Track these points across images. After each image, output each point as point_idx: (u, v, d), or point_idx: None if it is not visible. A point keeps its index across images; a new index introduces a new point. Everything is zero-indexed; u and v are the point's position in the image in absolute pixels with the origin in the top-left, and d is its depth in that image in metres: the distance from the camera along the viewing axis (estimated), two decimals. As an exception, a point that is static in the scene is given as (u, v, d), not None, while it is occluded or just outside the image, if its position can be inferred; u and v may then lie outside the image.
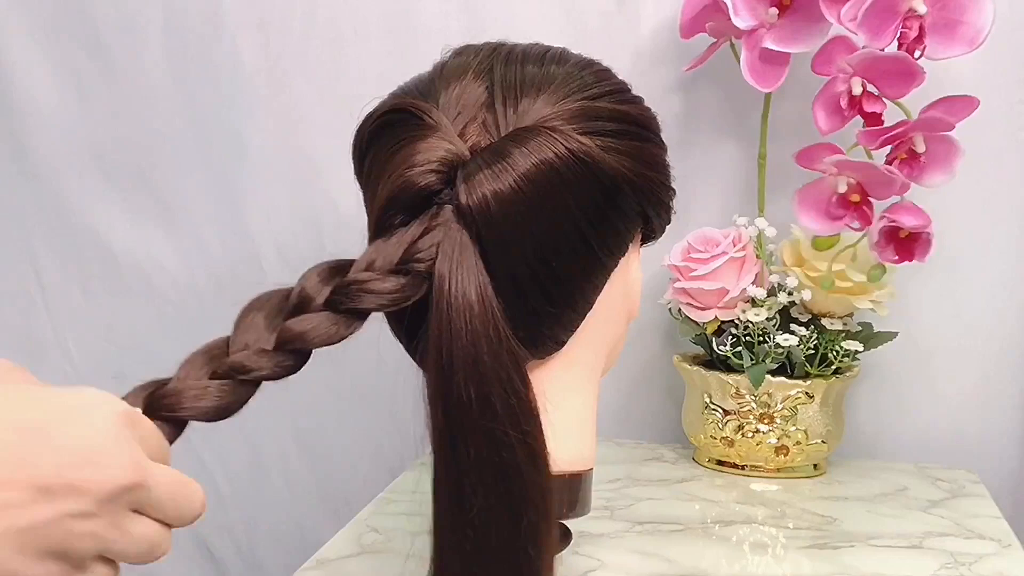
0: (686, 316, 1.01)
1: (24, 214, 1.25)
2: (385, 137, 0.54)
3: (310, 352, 0.48)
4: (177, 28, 1.17)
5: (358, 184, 0.58)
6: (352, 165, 0.59)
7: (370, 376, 1.16)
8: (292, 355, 0.47)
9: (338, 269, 0.50)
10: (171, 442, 0.44)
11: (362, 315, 0.49)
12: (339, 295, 0.48)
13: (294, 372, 0.48)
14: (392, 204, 0.52)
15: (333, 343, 0.48)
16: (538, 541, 0.51)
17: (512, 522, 0.50)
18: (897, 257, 0.91)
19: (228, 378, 0.46)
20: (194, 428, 0.47)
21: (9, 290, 1.28)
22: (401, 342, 0.55)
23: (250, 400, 0.46)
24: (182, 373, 0.45)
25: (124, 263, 1.23)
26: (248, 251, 1.20)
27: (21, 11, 1.20)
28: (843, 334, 0.99)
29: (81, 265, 1.25)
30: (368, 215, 0.55)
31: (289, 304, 0.48)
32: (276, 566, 1.25)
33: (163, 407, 0.44)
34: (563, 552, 0.67)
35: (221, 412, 0.46)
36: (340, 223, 1.15)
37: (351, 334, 0.49)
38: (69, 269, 1.25)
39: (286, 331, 0.47)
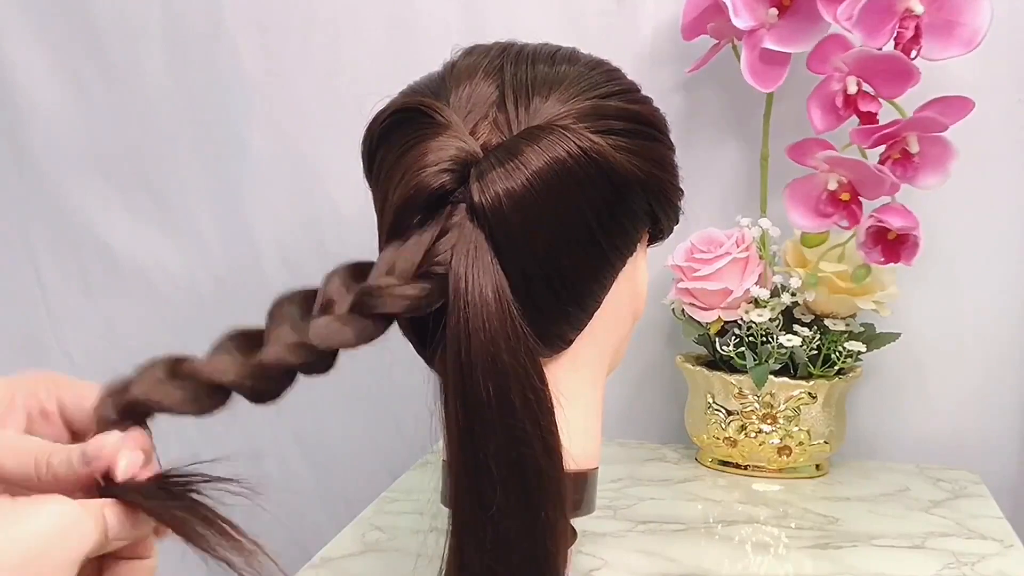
0: (689, 316, 1.01)
1: (24, 214, 1.25)
2: (395, 136, 0.54)
3: (335, 355, 0.48)
4: (177, 28, 1.17)
5: (367, 183, 0.58)
6: (361, 164, 0.59)
7: (371, 376, 1.16)
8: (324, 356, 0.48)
9: (360, 272, 0.49)
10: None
11: (387, 320, 0.49)
12: (364, 298, 0.48)
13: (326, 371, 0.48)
14: (406, 206, 0.52)
15: (355, 346, 0.48)
16: (556, 535, 0.51)
17: (531, 517, 0.50)
18: (883, 258, 0.91)
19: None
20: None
21: (9, 290, 1.27)
22: (411, 341, 0.55)
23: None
24: (214, 356, 0.46)
25: (124, 263, 1.23)
26: (248, 251, 1.19)
27: (21, 11, 1.19)
28: (846, 335, 0.99)
29: (81, 265, 1.25)
30: (379, 215, 0.55)
31: (314, 309, 0.48)
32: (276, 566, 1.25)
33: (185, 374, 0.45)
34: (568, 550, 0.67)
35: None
36: (340, 223, 1.15)
37: (375, 338, 0.49)
38: (69, 269, 1.25)
39: (308, 335, 0.47)
